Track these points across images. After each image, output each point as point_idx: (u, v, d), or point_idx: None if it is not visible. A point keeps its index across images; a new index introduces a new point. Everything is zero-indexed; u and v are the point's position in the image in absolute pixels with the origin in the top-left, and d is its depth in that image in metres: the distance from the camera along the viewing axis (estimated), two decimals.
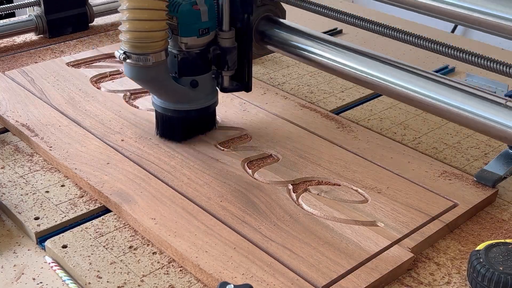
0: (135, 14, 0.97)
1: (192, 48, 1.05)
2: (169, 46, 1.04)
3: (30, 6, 1.63)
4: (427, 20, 1.17)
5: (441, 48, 1.03)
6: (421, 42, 1.05)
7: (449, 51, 1.02)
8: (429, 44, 1.04)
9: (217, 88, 1.13)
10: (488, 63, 0.97)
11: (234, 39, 1.09)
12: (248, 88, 1.14)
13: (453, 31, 2.55)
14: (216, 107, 1.15)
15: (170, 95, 1.08)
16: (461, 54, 1.00)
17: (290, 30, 1.23)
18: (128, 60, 0.99)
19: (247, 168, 1.06)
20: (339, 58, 1.15)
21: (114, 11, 1.73)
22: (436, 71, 1.35)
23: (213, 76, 1.11)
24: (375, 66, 1.11)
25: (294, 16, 1.35)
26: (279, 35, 1.23)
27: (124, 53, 0.99)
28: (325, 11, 1.19)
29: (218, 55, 1.08)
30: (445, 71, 1.44)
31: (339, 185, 1.02)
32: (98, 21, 1.70)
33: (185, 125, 1.11)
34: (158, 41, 1.00)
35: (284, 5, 1.28)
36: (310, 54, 1.20)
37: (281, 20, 1.25)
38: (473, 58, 0.99)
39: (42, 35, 1.61)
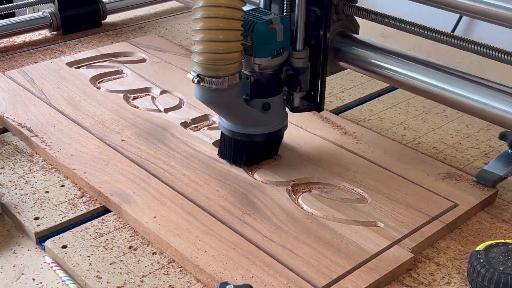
0: (210, 35, 0.91)
1: (266, 69, 0.99)
2: None
3: (30, 6, 1.63)
4: (427, 20, 1.17)
5: (449, 39, 1.00)
6: (435, 35, 1.02)
7: (457, 42, 1.00)
8: (436, 35, 1.02)
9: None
10: (494, 53, 0.96)
11: (308, 59, 1.03)
12: (320, 108, 1.08)
13: (453, 30, 2.55)
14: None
15: (240, 118, 1.02)
16: (469, 45, 0.99)
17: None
18: (201, 83, 0.94)
19: (247, 168, 1.06)
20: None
21: (126, 8, 1.75)
22: None
23: (284, 97, 1.05)
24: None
25: None
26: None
27: (198, 75, 0.93)
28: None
29: (290, 75, 1.02)
30: None
31: (339, 186, 1.02)
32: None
33: (252, 150, 1.04)
34: (233, 63, 0.94)
35: None
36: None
37: (356, 35, 1.15)
38: (480, 49, 0.97)
39: (55, 32, 1.63)
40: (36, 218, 0.94)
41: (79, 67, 1.40)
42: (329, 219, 0.93)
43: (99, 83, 1.34)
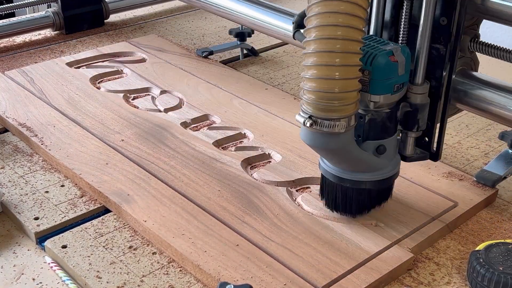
0: (325, 72, 0.79)
1: (383, 107, 0.87)
2: None
3: (30, 6, 1.63)
4: None
5: None
6: None
7: None
8: None
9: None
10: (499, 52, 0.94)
11: (427, 94, 0.91)
12: (437, 157, 0.96)
13: None
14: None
15: (352, 163, 0.89)
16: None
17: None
18: (314, 126, 0.82)
19: (247, 168, 1.06)
20: None
21: (128, 8, 1.76)
22: None
23: (398, 137, 0.93)
24: None
25: None
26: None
27: (310, 117, 0.82)
28: None
29: (407, 113, 0.90)
30: None
31: None
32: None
33: (363, 198, 0.92)
34: (351, 104, 0.82)
35: None
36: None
37: (477, 74, 1.01)
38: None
39: (58, 31, 1.63)
40: (36, 218, 0.94)
41: (79, 67, 1.40)
42: (329, 219, 0.93)
43: (99, 83, 1.34)
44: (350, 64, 0.79)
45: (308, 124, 0.82)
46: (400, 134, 0.93)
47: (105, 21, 1.71)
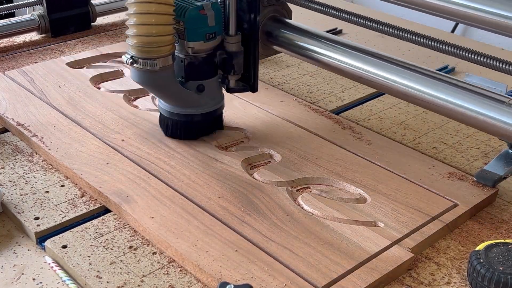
0: (142, 19, 0.97)
1: (199, 52, 1.05)
2: (175, 51, 1.05)
3: (30, 6, 1.63)
4: (427, 20, 1.17)
5: (443, 47, 1.03)
6: (424, 40, 1.06)
7: (451, 49, 1.02)
8: (431, 43, 1.05)
9: (223, 90, 1.14)
10: (489, 61, 0.98)
11: (241, 44, 1.08)
12: (254, 89, 1.14)
13: (453, 31, 2.55)
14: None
15: (177, 99, 1.08)
16: (463, 53, 1.01)
17: (296, 30, 1.22)
18: (135, 65, 1.00)
19: (247, 168, 1.06)
20: (345, 58, 1.16)
21: (116, 10, 1.74)
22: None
23: (219, 80, 1.11)
24: (380, 65, 1.11)
25: (294, 15, 1.35)
26: (285, 35, 1.22)
27: (131, 57, 0.99)
28: (328, 10, 1.20)
29: (224, 59, 1.07)
30: (445, 71, 1.44)
31: (339, 186, 1.02)
32: (98, 21, 1.70)
33: (191, 129, 1.11)
34: (165, 46, 1.00)
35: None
36: (316, 55, 1.20)
37: (287, 20, 1.23)
38: (474, 56, 1.00)
39: (44, 35, 1.62)
40: (36, 218, 0.94)
41: (79, 67, 1.40)
42: (329, 219, 0.93)
43: (99, 83, 1.34)
44: (164, 13, 0.97)
45: (129, 63, 1.00)
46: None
47: (105, 21, 1.70)
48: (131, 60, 0.99)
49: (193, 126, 1.11)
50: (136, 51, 0.99)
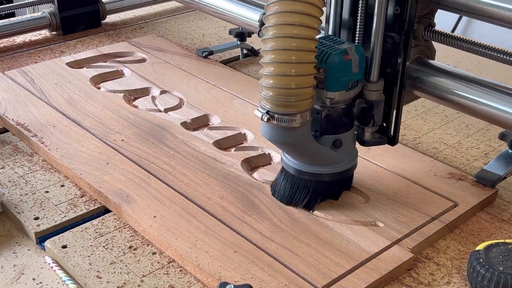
0: (282, 69, 0.83)
1: (338, 103, 0.91)
2: None
3: (30, 6, 1.63)
4: None
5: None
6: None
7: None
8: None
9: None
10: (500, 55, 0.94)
11: (382, 91, 0.94)
12: (394, 142, 0.99)
13: (453, 30, 2.55)
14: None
15: (310, 156, 0.93)
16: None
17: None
18: (271, 121, 0.86)
19: (247, 168, 1.06)
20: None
21: (125, 8, 1.76)
22: None
23: (355, 132, 0.97)
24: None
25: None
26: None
27: (267, 112, 0.86)
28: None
29: (363, 109, 0.94)
30: None
31: None
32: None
33: (320, 190, 0.96)
34: (306, 99, 0.85)
35: None
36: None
37: (431, 61, 1.04)
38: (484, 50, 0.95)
39: (55, 32, 1.63)
40: (36, 218, 0.94)
41: (79, 67, 1.40)
42: (329, 219, 0.93)
43: (99, 83, 1.34)
44: (305, 61, 0.83)
45: (265, 119, 0.86)
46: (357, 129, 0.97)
47: (105, 21, 1.71)
48: (267, 116, 0.86)
49: (326, 188, 0.96)
50: (272, 104, 0.85)
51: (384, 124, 0.97)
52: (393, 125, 0.99)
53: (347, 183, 1.00)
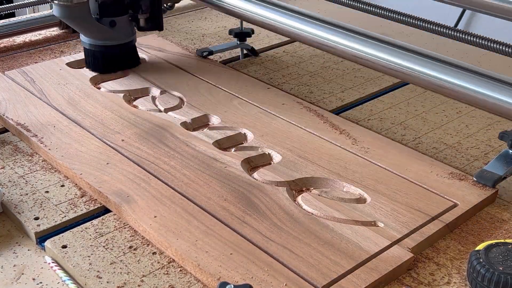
0: None
1: None
2: None
3: (30, 6, 1.63)
4: (428, 16, 1.17)
5: (455, 34, 1.02)
6: (438, 28, 1.04)
7: (464, 36, 1.01)
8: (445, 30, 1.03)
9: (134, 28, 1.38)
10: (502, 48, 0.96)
11: None
12: (160, 27, 1.38)
13: (456, 25, 2.55)
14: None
15: (93, 33, 1.32)
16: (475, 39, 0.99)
17: None
18: (55, 1, 1.23)
19: (247, 168, 1.06)
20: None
21: None
22: None
23: (130, 18, 1.35)
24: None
25: None
26: None
27: None
28: None
29: (133, 0, 1.33)
30: None
31: (339, 186, 1.02)
32: None
33: (107, 59, 1.34)
34: None
35: None
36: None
37: None
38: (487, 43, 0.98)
39: (66, 30, 1.64)
40: (36, 218, 0.95)
41: (79, 67, 1.40)
42: (329, 219, 0.93)
43: (99, 83, 1.34)
44: None
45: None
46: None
47: None
48: None
49: (110, 58, 1.33)
50: None
51: (155, 15, 1.35)
52: (157, 14, 1.36)
53: (131, 58, 1.39)
